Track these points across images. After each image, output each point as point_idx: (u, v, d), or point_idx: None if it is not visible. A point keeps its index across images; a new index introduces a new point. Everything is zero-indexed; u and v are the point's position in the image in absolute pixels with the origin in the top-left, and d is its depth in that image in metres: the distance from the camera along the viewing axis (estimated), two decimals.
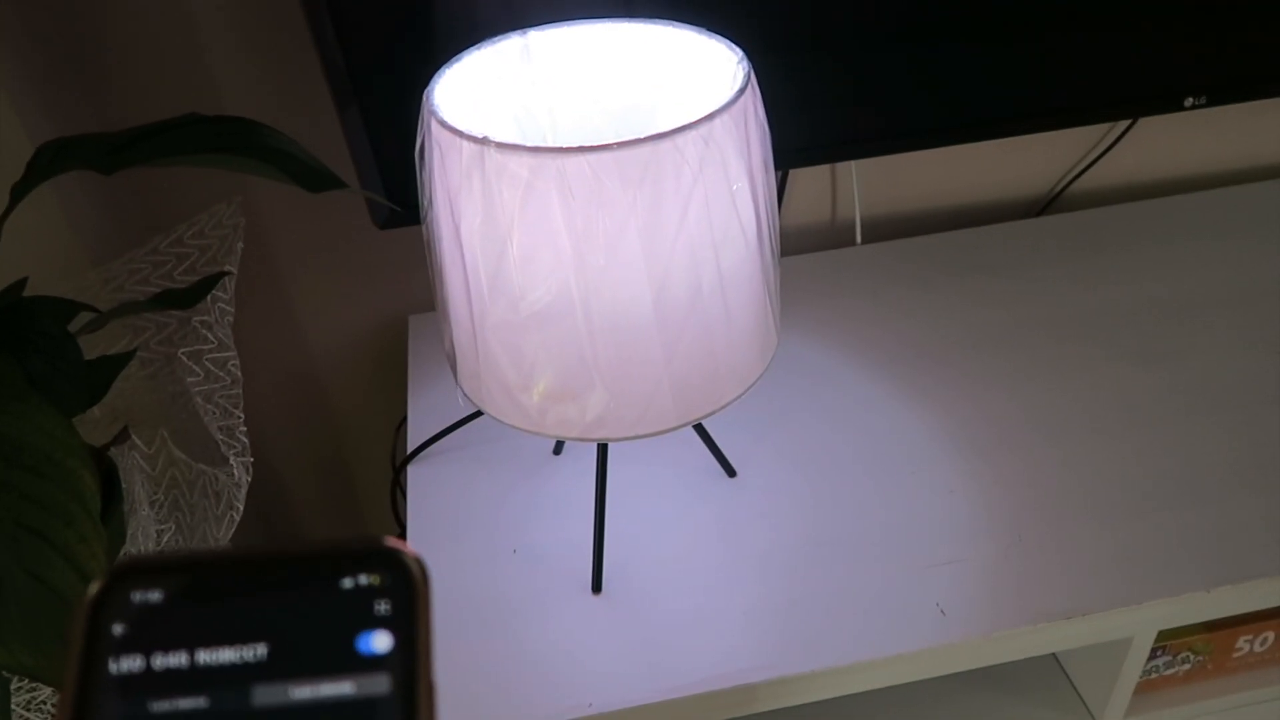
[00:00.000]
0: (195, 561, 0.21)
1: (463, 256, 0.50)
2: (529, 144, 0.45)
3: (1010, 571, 0.64)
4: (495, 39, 0.55)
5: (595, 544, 0.64)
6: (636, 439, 0.53)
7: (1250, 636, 0.76)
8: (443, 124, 0.47)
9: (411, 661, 0.20)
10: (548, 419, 0.52)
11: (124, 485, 0.65)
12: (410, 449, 0.76)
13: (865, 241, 0.98)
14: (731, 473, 0.72)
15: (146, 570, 0.21)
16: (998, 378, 0.79)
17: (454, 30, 0.67)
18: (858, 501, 0.69)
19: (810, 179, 0.96)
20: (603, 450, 0.62)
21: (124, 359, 0.60)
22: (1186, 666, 0.76)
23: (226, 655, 0.20)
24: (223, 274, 0.69)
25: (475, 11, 0.67)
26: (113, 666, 0.20)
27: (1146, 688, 0.76)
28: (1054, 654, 0.79)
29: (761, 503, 0.70)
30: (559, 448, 0.75)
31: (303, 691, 0.20)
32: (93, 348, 0.62)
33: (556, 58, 0.57)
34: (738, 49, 0.52)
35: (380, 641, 0.21)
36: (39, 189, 0.55)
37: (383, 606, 0.21)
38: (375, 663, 0.20)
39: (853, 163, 0.94)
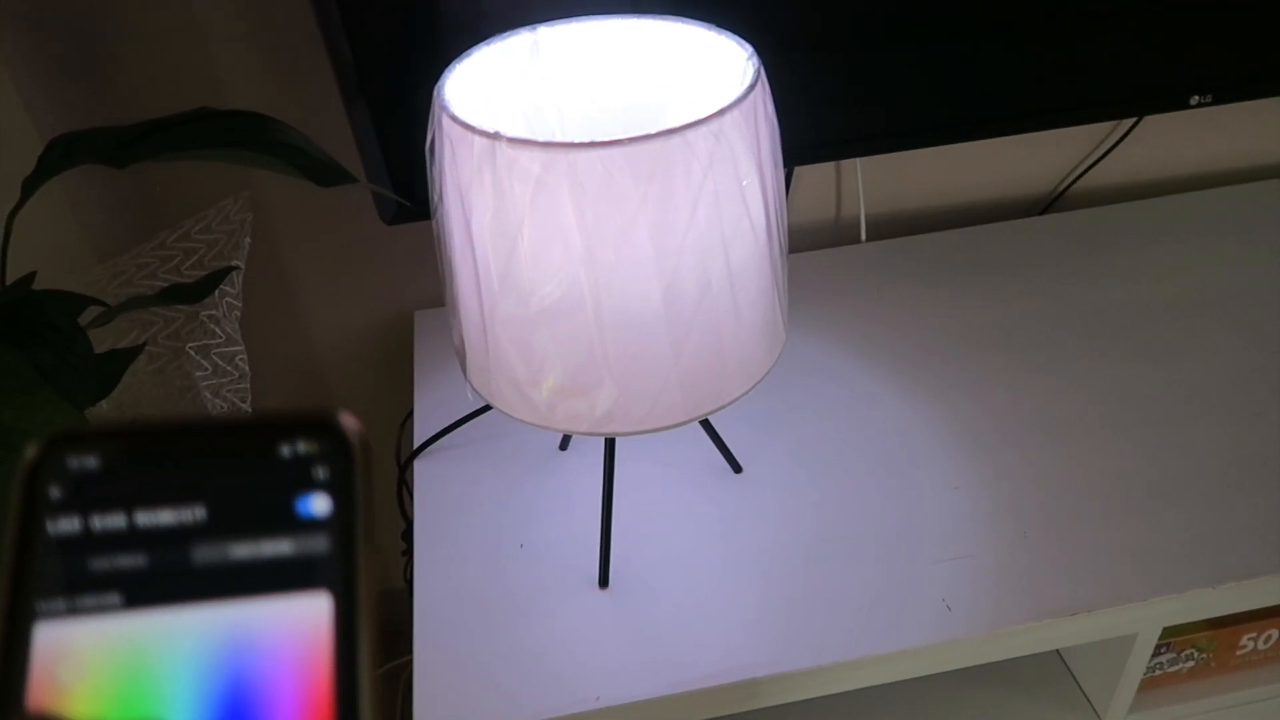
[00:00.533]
0: (132, 429, 0.21)
1: (473, 251, 0.50)
2: (536, 136, 0.45)
3: (1016, 567, 0.64)
4: (504, 35, 0.55)
5: (602, 539, 0.64)
6: (645, 434, 0.53)
7: (1254, 634, 0.76)
8: (454, 119, 0.47)
9: (350, 524, 0.21)
10: (557, 414, 0.52)
11: None
12: (416, 444, 0.76)
13: (870, 239, 0.98)
14: (737, 469, 0.72)
15: (83, 438, 0.21)
16: (1002, 375, 0.79)
17: (461, 25, 0.67)
18: (863, 497, 0.70)
19: (815, 176, 0.96)
20: (610, 445, 0.62)
21: (133, 353, 0.60)
22: (1190, 664, 0.77)
23: (165, 517, 0.21)
24: (230, 269, 0.70)
25: (483, 7, 0.67)
26: (50, 528, 0.20)
27: (1150, 684, 0.77)
28: (1058, 651, 0.79)
29: (767, 499, 0.70)
30: (565, 443, 0.75)
31: (242, 550, 0.20)
32: (101, 342, 0.62)
33: (565, 54, 0.57)
34: (747, 45, 0.52)
35: (319, 504, 0.21)
36: (46, 184, 0.55)
37: (321, 472, 0.21)
38: (314, 524, 0.21)
39: (857, 160, 0.94)
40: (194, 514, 0.21)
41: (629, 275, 0.47)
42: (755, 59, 0.50)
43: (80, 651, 0.20)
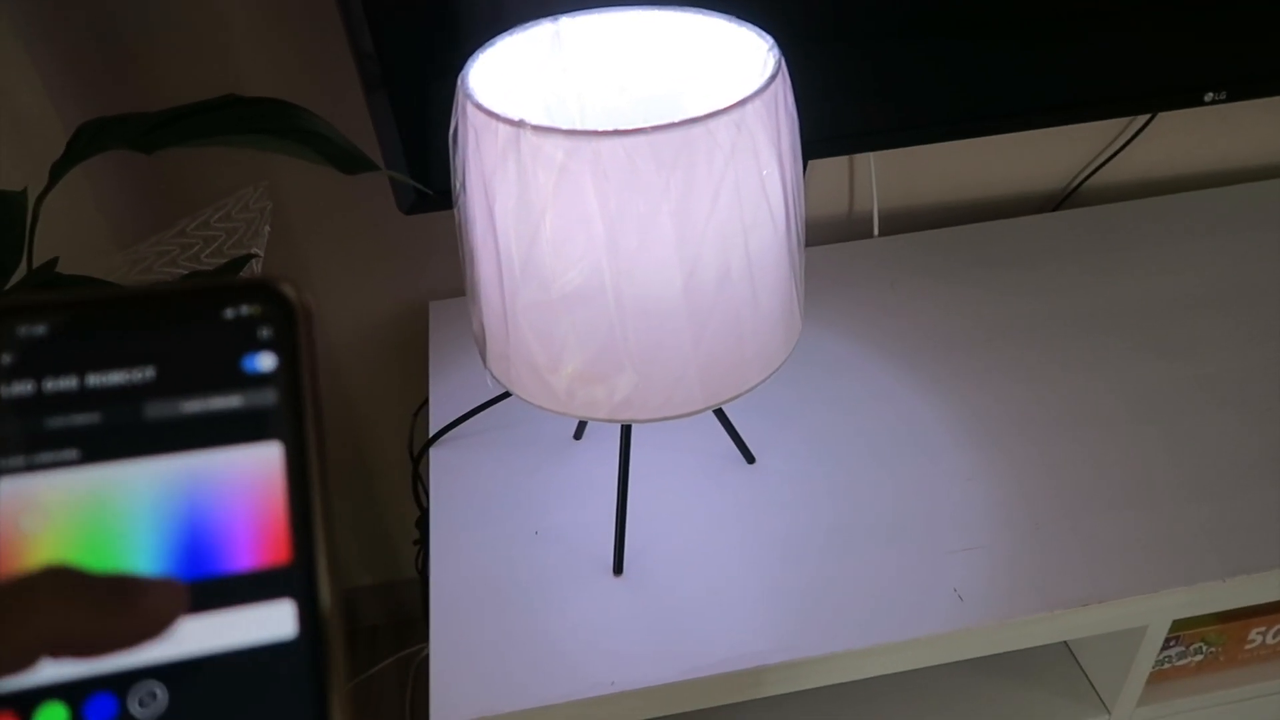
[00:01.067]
0: (79, 298, 0.22)
1: (495, 238, 0.50)
2: (558, 125, 0.46)
3: (1028, 559, 0.65)
4: (527, 25, 0.56)
5: (617, 526, 0.65)
6: (662, 421, 0.54)
7: (1263, 628, 0.76)
8: (479, 107, 0.47)
9: (296, 378, 0.22)
10: (576, 400, 0.53)
11: None
12: (431, 433, 0.77)
13: (882, 234, 0.99)
14: (750, 459, 0.73)
15: (30, 307, 0.22)
16: (1015, 368, 0.80)
17: (481, 16, 0.68)
18: (875, 488, 0.70)
19: (828, 170, 0.97)
20: (626, 432, 0.63)
21: None
22: (1199, 657, 0.77)
23: (115, 378, 0.21)
24: (250, 257, 0.70)
25: None
26: (4, 391, 0.21)
27: (1158, 677, 0.77)
28: (1067, 643, 0.80)
29: (780, 489, 0.71)
30: (580, 432, 0.76)
31: (193, 406, 0.21)
32: None
33: (587, 44, 0.58)
34: (768, 36, 0.52)
35: (264, 361, 0.22)
36: (70, 172, 0.56)
37: (265, 332, 0.22)
38: (261, 379, 0.22)
39: (870, 154, 0.95)
40: (144, 374, 0.22)
41: (650, 263, 0.48)
42: (776, 50, 0.51)
43: (41, 503, 0.20)
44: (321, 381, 0.22)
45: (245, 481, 0.21)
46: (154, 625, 0.20)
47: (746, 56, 0.54)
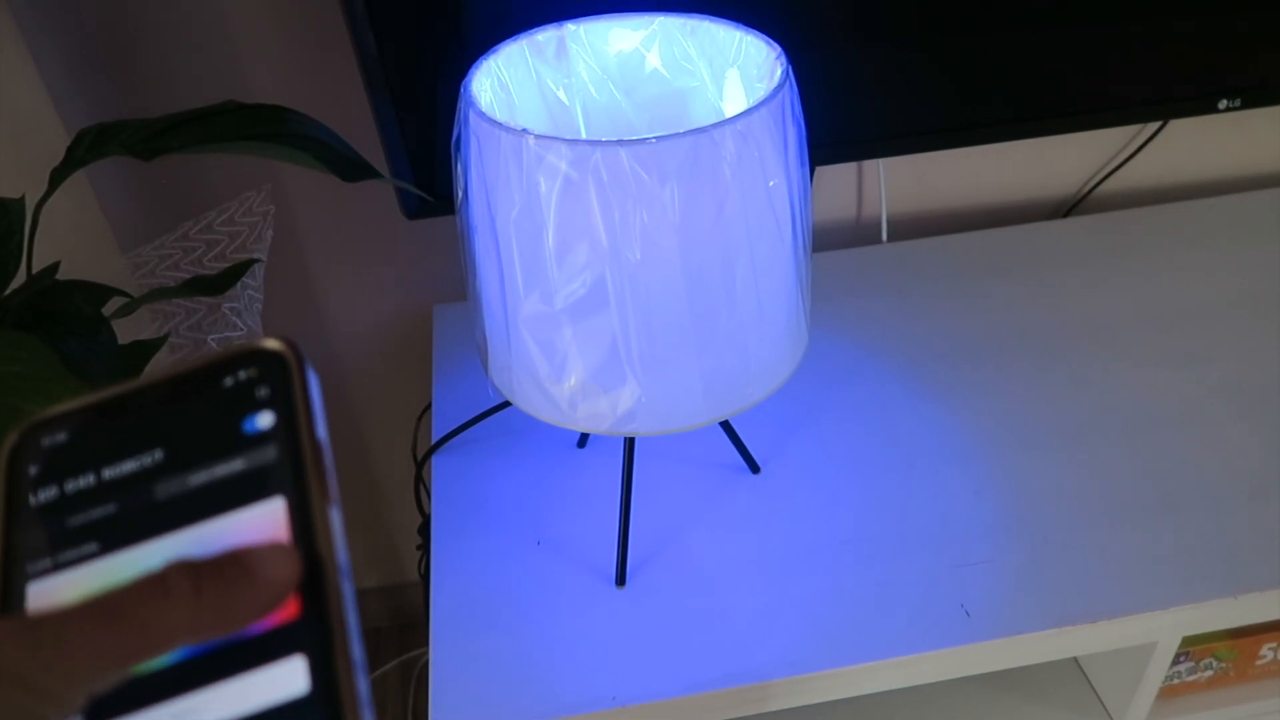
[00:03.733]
0: (92, 402, 0.23)
1: (497, 248, 0.50)
2: (562, 134, 0.45)
3: (1036, 574, 0.64)
4: (531, 31, 0.55)
5: (620, 537, 0.64)
6: (666, 434, 0.53)
7: (1274, 644, 0.75)
8: (481, 116, 0.47)
9: (293, 428, 0.22)
10: (579, 412, 0.52)
11: None
12: (434, 439, 0.76)
13: (891, 240, 0.98)
14: (755, 469, 0.72)
15: (51, 420, 0.23)
16: (1024, 379, 0.79)
17: (486, 22, 0.67)
18: (882, 500, 0.69)
19: (836, 176, 0.96)
20: (630, 444, 0.62)
21: (156, 344, 0.60)
22: (1209, 673, 0.76)
23: (128, 466, 0.22)
24: (252, 261, 0.70)
25: (508, 3, 0.67)
26: (32, 500, 0.22)
27: (1168, 693, 0.76)
28: (1075, 658, 0.79)
29: (785, 500, 0.70)
30: (583, 441, 0.75)
31: (199, 477, 0.22)
32: (123, 333, 0.63)
33: (591, 50, 0.57)
34: (776, 44, 0.51)
35: (263, 419, 0.23)
36: (72, 175, 0.55)
37: (263, 391, 0.23)
38: (261, 438, 0.22)
39: (879, 160, 0.94)
40: (154, 457, 0.22)
41: (654, 273, 0.47)
42: (784, 59, 0.50)
43: (66, 598, 0.21)
44: (322, 429, 0.22)
45: (250, 541, 0.21)
46: (278, 592, 0.20)
47: (753, 62, 0.54)
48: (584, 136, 0.59)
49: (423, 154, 0.73)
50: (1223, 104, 0.82)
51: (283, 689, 0.20)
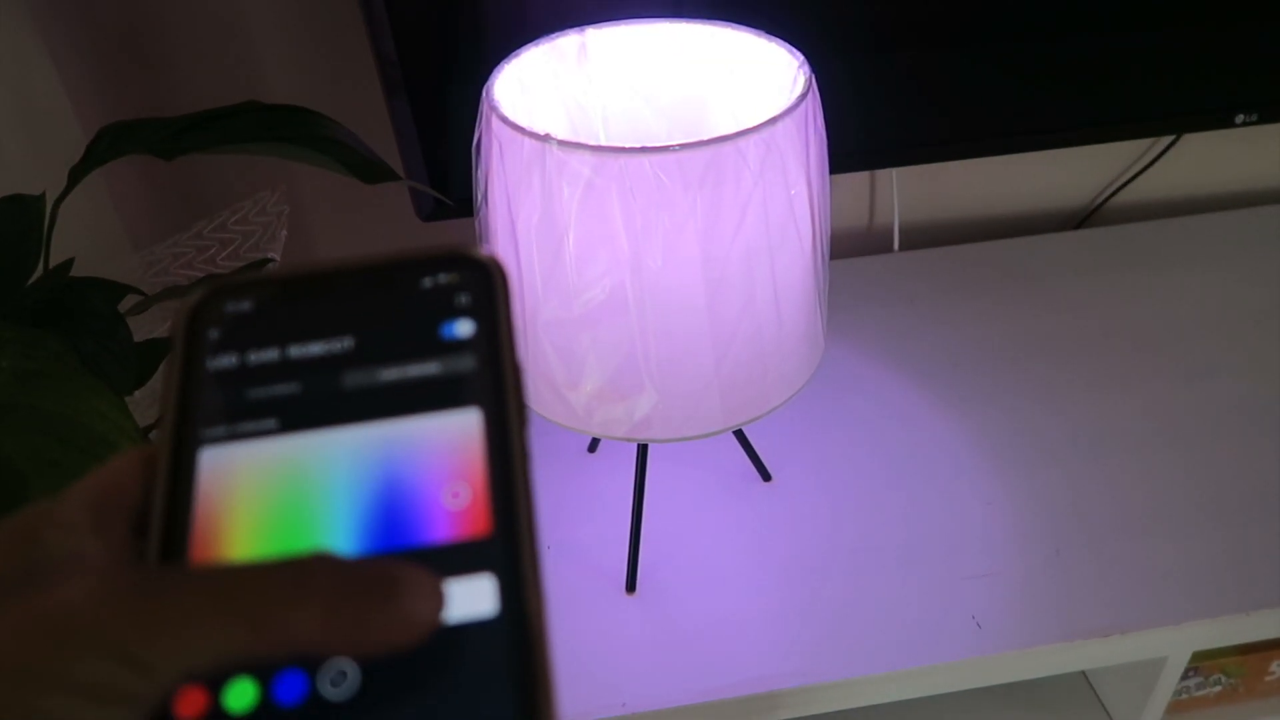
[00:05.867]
0: (283, 275, 0.22)
1: (517, 252, 0.50)
2: (580, 138, 0.45)
3: (1047, 586, 0.64)
4: (552, 36, 0.55)
5: (631, 543, 0.64)
6: (682, 441, 0.53)
7: None
8: (504, 120, 0.47)
9: (495, 342, 0.21)
10: (594, 418, 0.52)
11: None
12: None
13: (903, 249, 0.98)
14: (767, 477, 0.72)
15: (236, 287, 0.22)
16: (1036, 390, 0.79)
17: (504, 26, 0.67)
18: (893, 510, 0.69)
19: (849, 184, 0.96)
20: (643, 450, 0.62)
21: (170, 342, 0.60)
22: (1218, 688, 0.76)
23: (315, 348, 0.22)
24: (266, 261, 0.70)
25: (524, 7, 0.67)
26: (210, 363, 0.21)
27: (1176, 708, 0.76)
28: (1084, 672, 0.78)
29: (797, 508, 0.70)
30: (594, 446, 0.75)
31: (391, 373, 0.21)
32: (136, 331, 0.63)
33: (613, 56, 0.57)
34: (798, 53, 0.51)
35: (462, 327, 0.22)
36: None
37: (463, 299, 0.22)
38: (459, 345, 0.22)
39: (892, 169, 0.94)
40: (343, 344, 0.22)
41: (675, 281, 0.47)
42: (807, 67, 0.50)
43: (243, 471, 0.20)
44: (516, 348, 0.22)
45: (444, 449, 0.20)
46: (416, 633, 0.18)
47: (773, 69, 0.54)
48: (603, 141, 0.59)
49: (438, 157, 0.72)
50: (1240, 119, 0.82)
51: (467, 606, 0.19)
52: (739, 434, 0.71)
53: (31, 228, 0.52)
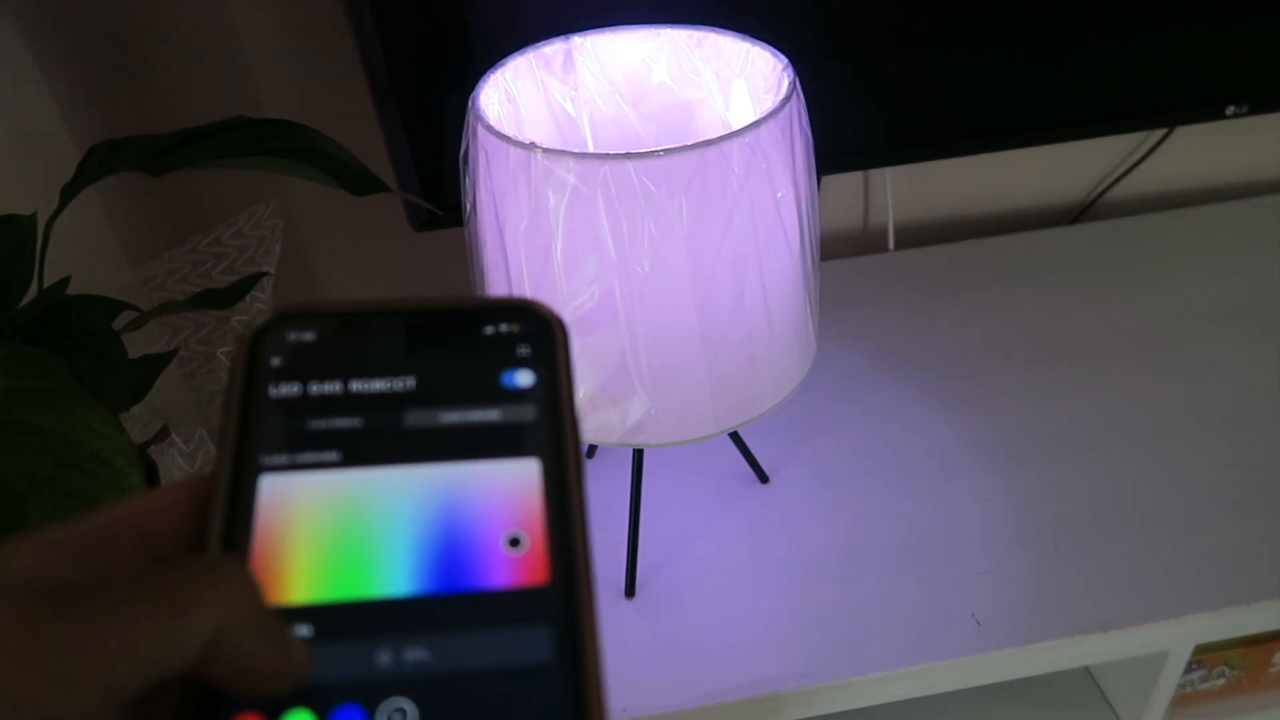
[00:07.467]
0: (348, 308, 0.23)
1: (506, 261, 0.50)
2: (569, 146, 0.45)
3: (1047, 582, 0.64)
4: (538, 44, 0.55)
5: (629, 548, 0.64)
6: (675, 445, 0.53)
7: None
8: (489, 129, 0.47)
9: (555, 396, 0.22)
10: (587, 424, 0.52)
11: (163, 483, 0.66)
12: None
13: (898, 248, 0.98)
14: (764, 479, 0.72)
15: (302, 314, 0.22)
16: (1034, 386, 0.79)
17: (493, 35, 0.67)
18: (891, 509, 0.69)
19: (843, 183, 0.96)
20: (639, 455, 0.62)
21: (166, 358, 0.60)
22: (1222, 681, 0.75)
23: (378, 385, 0.22)
24: (261, 275, 0.70)
25: (514, 16, 0.67)
26: (272, 390, 0.21)
27: (1180, 702, 0.76)
28: (1087, 667, 0.78)
29: (795, 509, 0.70)
30: (591, 451, 0.75)
31: (452, 416, 0.21)
32: (133, 347, 0.63)
33: (598, 62, 0.57)
34: (782, 56, 0.52)
35: (523, 377, 0.22)
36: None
37: (524, 350, 0.22)
38: (520, 394, 0.22)
39: (886, 169, 0.94)
40: (405, 383, 0.22)
41: (663, 286, 0.47)
42: (791, 70, 0.50)
43: (301, 500, 0.20)
44: (575, 402, 0.22)
45: (503, 496, 0.21)
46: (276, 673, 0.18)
47: (760, 73, 0.54)
48: (591, 148, 0.59)
49: (430, 167, 0.73)
50: (1230, 110, 0.82)
51: (524, 654, 0.19)
52: (736, 437, 0.71)
53: (24, 247, 0.53)
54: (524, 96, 0.56)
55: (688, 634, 0.62)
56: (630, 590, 0.64)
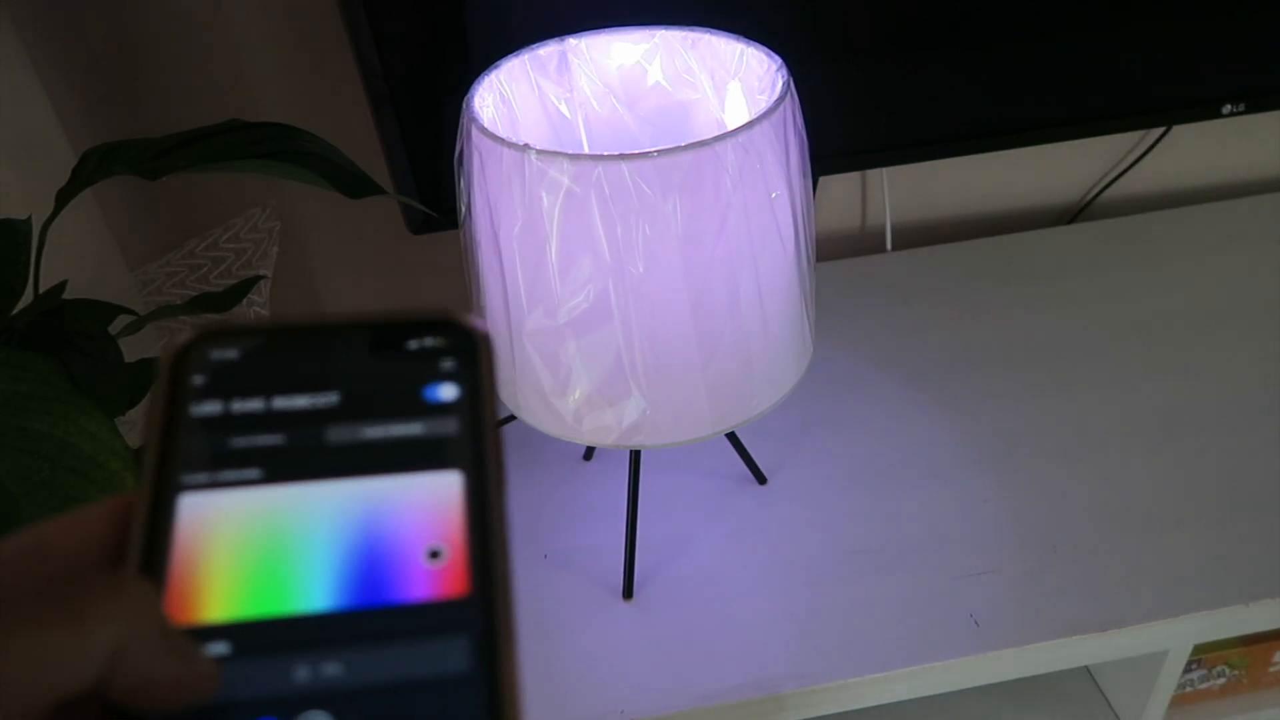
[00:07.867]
0: (271, 326, 0.23)
1: (501, 263, 0.50)
2: (564, 148, 0.45)
3: (1045, 582, 0.63)
4: (533, 46, 0.55)
5: (627, 550, 0.64)
6: (672, 446, 0.53)
7: None
8: (484, 131, 0.47)
9: (478, 408, 0.22)
10: (584, 426, 0.52)
11: None
12: None
13: (895, 248, 0.98)
14: (762, 480, 0.72)
15: (225, 333, 0.22)
16: (1031, 387, 0.79)
17: (488, 37, 0.67)
18: (890, 510, 0.69)
19: (840, 184, 0.96)
20: (636, 457, 0.62)
21: None
22: (1221, 680, 0.75)
23: (300, 402, 0.22)
24: (258, 278, 0.70)
25: (510, 18, 0.67)
26: (194, 409, 0.21)
27: (1181, 701, 0.75)
28: (1087, 667, 0.78)
29: (792, 510, 0.70)
30: (589, 453, 0.75)
31: (375, 431, 0.22)
32: (130, 351, 0.63)
33: (593, 64, 0.57)
34: (776, 57, 0.52)
35: (446, 391, 0.22)
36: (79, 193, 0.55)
37: (448, 364, 0.22)
38: (442, 408, 0.22)
39: (883, 169, 0.94)
40: (327, 399, 0.22)
41: (658, 287, 0.47)
42: (784, 71, 0.50)
43: (221, 518, 0.20)
44: (498, 414, 0.22)
45: (424, 509, 0.21)
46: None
47: (754, 74, 0.54)
48: (586, 150, 0.59)
49: (427, 169, 0.73)
50: (1227, 109, 0.82)
51: (442, 665, 0.19)
52: (733, 438, 0.71)
53: (20, 251, 0.53)
54: (519, 98, 0.56)
55: (686, 635, 0.62)
56: (629, 591, 0.64)
